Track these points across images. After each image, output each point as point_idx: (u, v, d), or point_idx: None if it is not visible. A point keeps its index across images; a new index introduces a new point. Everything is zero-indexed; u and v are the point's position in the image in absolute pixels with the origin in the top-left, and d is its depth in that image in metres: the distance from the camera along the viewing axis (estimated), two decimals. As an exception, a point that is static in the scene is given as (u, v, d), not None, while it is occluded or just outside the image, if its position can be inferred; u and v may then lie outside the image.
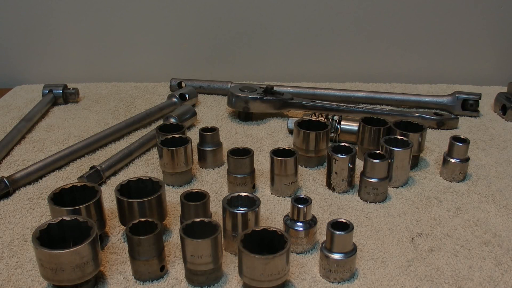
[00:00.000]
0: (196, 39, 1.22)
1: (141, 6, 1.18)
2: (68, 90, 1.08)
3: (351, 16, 1.18)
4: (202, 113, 1.03)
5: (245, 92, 0.97)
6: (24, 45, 1.22)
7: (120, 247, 0.62)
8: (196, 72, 1.23)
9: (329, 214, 0.69)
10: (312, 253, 0.61)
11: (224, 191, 0.74)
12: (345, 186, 0.73)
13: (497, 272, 0.58)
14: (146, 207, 0.60)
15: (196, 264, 0.54)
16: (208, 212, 0.62)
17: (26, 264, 0.59)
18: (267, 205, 0.71)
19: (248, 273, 0.51)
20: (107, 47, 1.23)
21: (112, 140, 0.90)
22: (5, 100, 1.11)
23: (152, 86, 1.19)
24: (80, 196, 0.62)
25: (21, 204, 0.71)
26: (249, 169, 0.72)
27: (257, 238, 0.54)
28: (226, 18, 1.19)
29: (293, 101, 0.96)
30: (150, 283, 0.56)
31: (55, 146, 0.89)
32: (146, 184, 0.65)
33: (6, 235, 0.65)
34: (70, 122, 0.99)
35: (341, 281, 0.56)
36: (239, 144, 0.88)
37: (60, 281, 0.51)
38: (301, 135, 0.78)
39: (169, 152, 0.73)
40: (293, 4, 1.17)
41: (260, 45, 1.22)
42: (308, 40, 1.21)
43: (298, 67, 1.24)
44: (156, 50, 1.23)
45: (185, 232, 0.54)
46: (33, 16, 1.19)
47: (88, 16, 1.19)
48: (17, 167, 0.81)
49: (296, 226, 0.60)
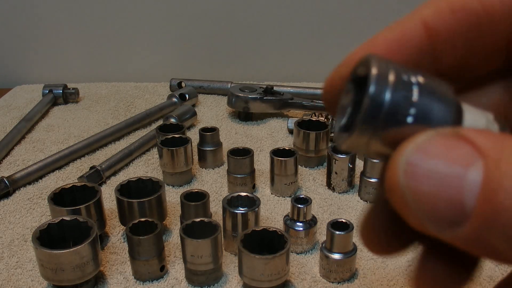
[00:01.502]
0: (196, 39, 1.22)
1: (141, 6, 1.18)
2: (68, 90, 1.08)
3: (351, 16, 1.18)
4: (202, 113, 1.03)
5: (245, 92, 0.97)
6: (24, 45, 1.22)
7: (120, 247, 0.62)
8: (196, 72, 1.22)
9: (329, 214, 0.69)
10: (312, 253, 0.61)
11: (224, 191, 0.74)
12: (345, 186, 0.73)
13: (497, 272, 0.58)
14: (146, 207, 0.60)
15: (196, 264, 0.54)
16: (208, 212, 0.62)
17: (26, 264, 0.59)
18: (267, 205, 0.71)
19: (248, 273, 0.51)
20: (107, 47, 1.23)
21: (112, 140, 0.90)
22: (5, 100, 1.11)
23: (152, 86, 1.19)
24: (80, 196, 0.62)
25: (21, 204, 0.71)
26: (249, 169, 0.72)
27: (257, 238, 0.54)
28: (226, 18, 1.19)
29: (293, 101, 0.96)
30: (150, 283, 0.56)
31: (55, 146, 0.89)
32: (146, 184, 0.65)
33: (6, 235, 0.65)
34: (70, 122, 0.99)
35: (341, 281, 0.56)
36: (239, 144, 0.88)
37: (60, 281, 0.51)
38: (301, 135, 0.78)
39: (169, 152, 0.73)
40: (293, 4, 1.17)
41: (260, 45, 1.22)
42: (308, 40, 1.21)
43: (298, 67, 1.24)
44: (156, 50, 1.23)
45: (185, 232, 0.54)
46: (33, 16, 1.19)
47: (88, 16, 1.19)
48: (17, 167, 0.81)
49: (296, 226, 0.60)
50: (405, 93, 0.19)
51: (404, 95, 0.19)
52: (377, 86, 0.19)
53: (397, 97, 0.19)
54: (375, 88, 0.19)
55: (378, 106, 0.19)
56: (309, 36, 1.21)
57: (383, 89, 0.19)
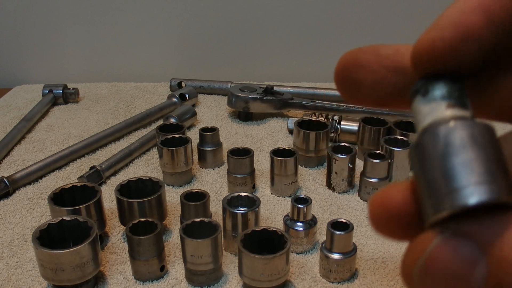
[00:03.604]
0: (196, 39, 1.22)
1: (141, 6, 1.18)
2: (68, 90, 1.08)
3: (352, 16, 1.18)
4: (202, 113, 1.03)
5: (245, 92, 0.97)
6: (24, 45, 1.22)
7: (120, 247, 0.62)
8: (196, 72, 1.22)
9: (329, 214, 0.69)
10: (312, 253, 0.61)
11: (224, 191, 0.74)
12: (345, 186, 0.73)
13: None
14: (146, 207, 0.60)
15: (196, 264, 0.54)
16: (208, 212, 0.62)
17: (26, 264, 0.59)
18: (267, 205, 0.71)
19: (248, 273, 0.51)
20: (107, 47, 1.23)
21: (112, 140, 0.90)
22: (5, 100, 1.11)
23: (152, 86, 1.19)
24: (80, 196, 0.62)
25: (21, 204, 0.71)
26: (249, 169, 0.72)
27: (257, 238, 0.54)
28: (226, 18, 1.19)
29: (293, 101, 0.96)
30: (150, 283, 0.56)
31: (55, 146, 0.89)
32: (146, 184, 0.65)
33: (6, 235, 0.65)
34: (70, 122, 0.99)
35: (341, 281, 0.56)
36: (239, 144, 0.88)
37: (60, 281, 0.51)
38: (301, 135, 0.78)
39: (169, 152, 0.73)
40: (294, 4, 1.17)
41: (260, 45, 1.22)
42: (308, 40, 1.21)
43: (298, 67, 1.24)
44: (156, 50, 1.23)
45: (185, 232, 0.54)
46: (33, 16, 1.19)
47: (88, 16, 1.19)
48: (17, 167, 0.81)
49: (296, 226, 0.60)
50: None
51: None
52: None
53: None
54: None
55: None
56: (309, 36, 1.21)
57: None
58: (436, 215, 0.19)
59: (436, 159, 0.20)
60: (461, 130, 0.20)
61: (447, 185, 0.19)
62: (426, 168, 0.20)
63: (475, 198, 0.18)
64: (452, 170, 0.19)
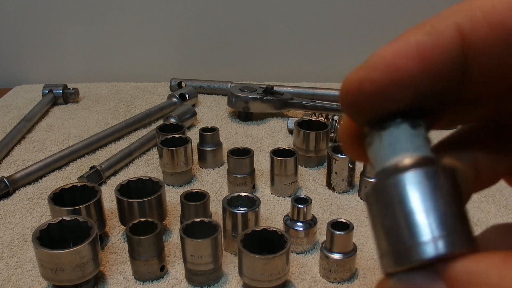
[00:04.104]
0: (196, 39, 1.22)
1: (141, 6, 1.18)
2: (68, 90, 1.08)
3: (352, 16, 1.18)
4: (202, 113, 1.03)
5: (245, 92, 0.97)
6: (24, 45, 1.22)
7: (120, 247, 0.62)
8: (196, 72, 1.23)
9: (329, 214, 0.69)
10: (312, 253, 0.61)
11: (224, 191, 0.74)
12: (345, 186, 0.73)
13: None
14: (146, 207, 0.60)
15: (196, 264, 0.54)
16: (208, 212, 0.62)
17: (26, 264, 0.59)
18: (267, 205, 0.71)
19: (248, 273, 0.51)
20: (107, 47, 1.23)
21: (112, 140, 0.90)
22: (5, 100, 1.11)
23: (152, 86, 1.19)
24: (80, 196, 0.62)
25: (21, 204, 0.71)
26: (249, 169, 0.72)
27: (257, 238, 0.54)
28: (226, 18, 1.19)
29: (293, 101, 0.96)
30: (150, 283, 0.56)
31: (55, 146, 0.89)
32: (146, 184, 0.65)
33: (6, 235, 0.65)
34: (70, 122, 0.99)
35: (341, 281, 0.56)
36: (239, 144, 0.88)
37: (60, 281, 0.51)
38: (301, 135, 0.78)
39: (169, 152, 0.73)
40: (293, 4, 1.17)
41: (260, 45, 1.22)
42: (308, 40, 1.21)
43: (298, 67, 1.24)
44: (156, 50, 1.23)
45: (185, 232, 0.54)
46: (33, 16, 1.19)
47: (88, 16, 1.19)
48: (17, 167, 0.81)
49: (296, 226, 0.60)
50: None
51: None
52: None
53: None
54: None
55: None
56: (308, 36, 1.21)
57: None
58: (395, 268, 0.20)
59: (390, 209, 0.20)
60: (412, 179, 0.20)
61: (405, 238, 0.19)
62: (382, 214, 0.20)
63: (430, 254, 0.19)
64: (407, 223, 0.19)
